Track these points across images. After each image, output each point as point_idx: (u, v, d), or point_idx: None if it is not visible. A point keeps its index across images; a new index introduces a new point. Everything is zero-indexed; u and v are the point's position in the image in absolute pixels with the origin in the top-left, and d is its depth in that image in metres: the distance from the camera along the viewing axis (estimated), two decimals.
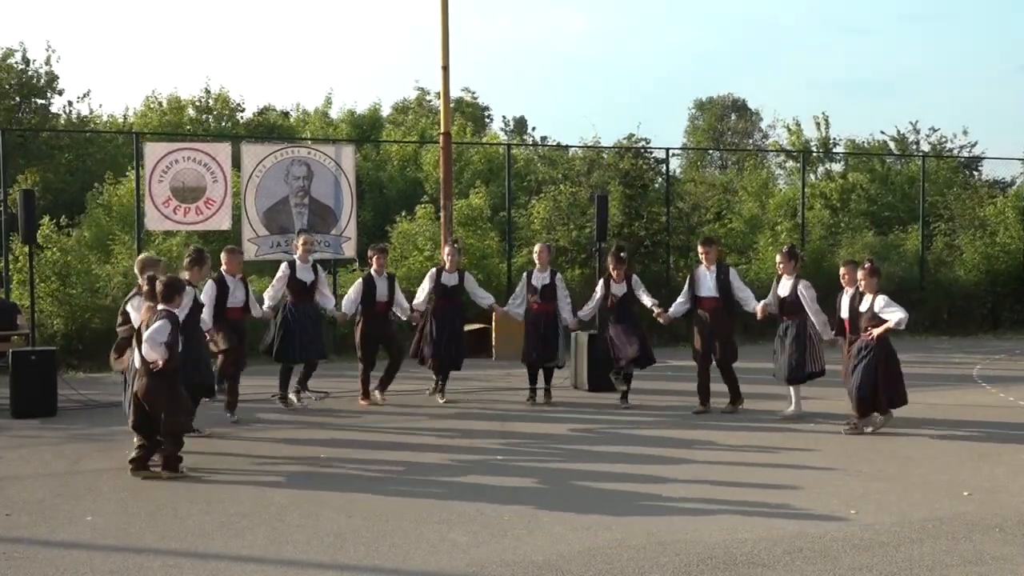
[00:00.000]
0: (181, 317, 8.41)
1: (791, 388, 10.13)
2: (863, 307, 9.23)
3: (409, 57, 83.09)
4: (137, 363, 7.62)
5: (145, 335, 7.43)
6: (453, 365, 11.19)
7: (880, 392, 9.10)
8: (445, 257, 11.33)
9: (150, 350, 7.41)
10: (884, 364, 9.10)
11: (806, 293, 9.97)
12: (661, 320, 10.79)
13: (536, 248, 11.35)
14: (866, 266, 9.31)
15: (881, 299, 9.13)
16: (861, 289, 9.28)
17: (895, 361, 9.22)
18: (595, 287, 11.17)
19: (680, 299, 10.66)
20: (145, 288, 7.87)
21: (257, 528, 6.23)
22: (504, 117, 51.24)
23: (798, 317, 9.98)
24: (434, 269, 11.38)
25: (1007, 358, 15.45)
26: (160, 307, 7.59)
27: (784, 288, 10.11)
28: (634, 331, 10.59)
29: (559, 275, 11.23)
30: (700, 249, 10.59)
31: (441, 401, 11.05)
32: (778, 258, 10.35)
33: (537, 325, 10.97)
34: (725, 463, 8.08)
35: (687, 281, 10.69)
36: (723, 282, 10.30)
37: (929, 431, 9.28)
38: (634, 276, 10.91)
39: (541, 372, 11.11)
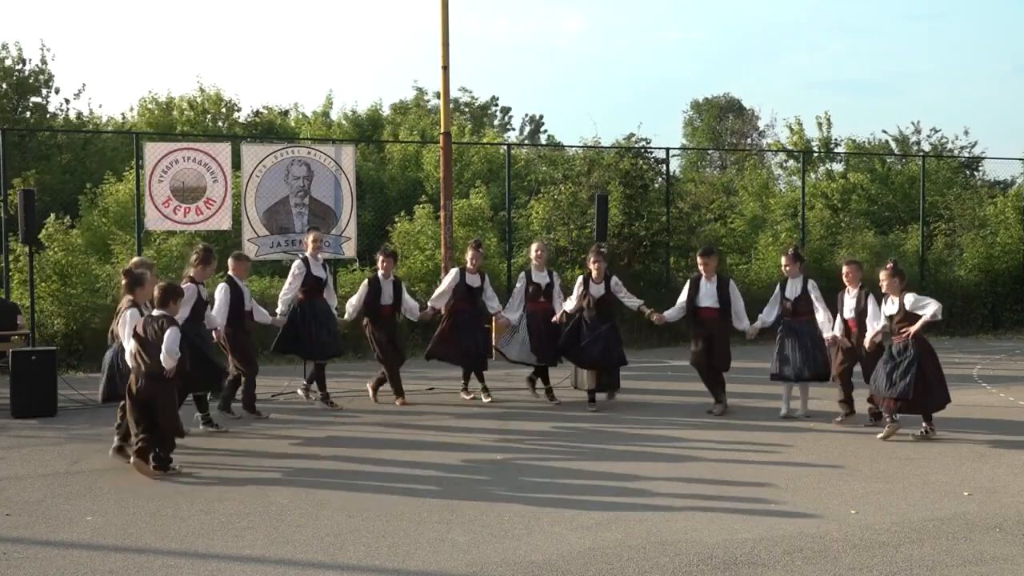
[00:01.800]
0: (182, 318, 8.47)
1: (799, 387, 10.15)
2: (889, 309, 9.16)
3: (409, 57, 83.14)
4: (131, 363, 7.66)
5: (164, 346, 7.47)
6: (483, 364, 11.22)
7: (930, 394, 8.96)
8: (468, 260, 11.28)
9: (169, 359, 7.47)
10: (929, 364, 8.97)
11: (815, 293, 9.98)
12: (654, 320, 10.77)
13: (535, 247, 11.37)
14: (888, 267, 9.19)
15: (911, 296, 9.06)
16: (884, 290, 9.20)
17: (937, 360, 9.11)
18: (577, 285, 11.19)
19: (677, 306, 10.56)
20: (123, 283, 7.96)
21: (257, 528, 6.24)
22: (504, 113, 51.18)
23: (810, 316, 9.97)
24: (456, 269, 11.34)
25: (1007, 358, 15.45)
26: (158, 312, 7.63)
27: (792, 290, 10.08)
28: (605, 333, 10.54)
29: (556, 274, 11.28)
30: (700, 260, 10.45)
31: (486, 400, 11.07)
32: (783, 260, 10.34)
33: (540, 324, 10.98)
34: (725, 463, 8.08)
35: (685, 289, 10.57)
36: (723, 294, 10.28)
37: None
38: (614, 278, 10.80)
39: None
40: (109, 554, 5.75)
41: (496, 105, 43.82)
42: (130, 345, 7.68)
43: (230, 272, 10.06)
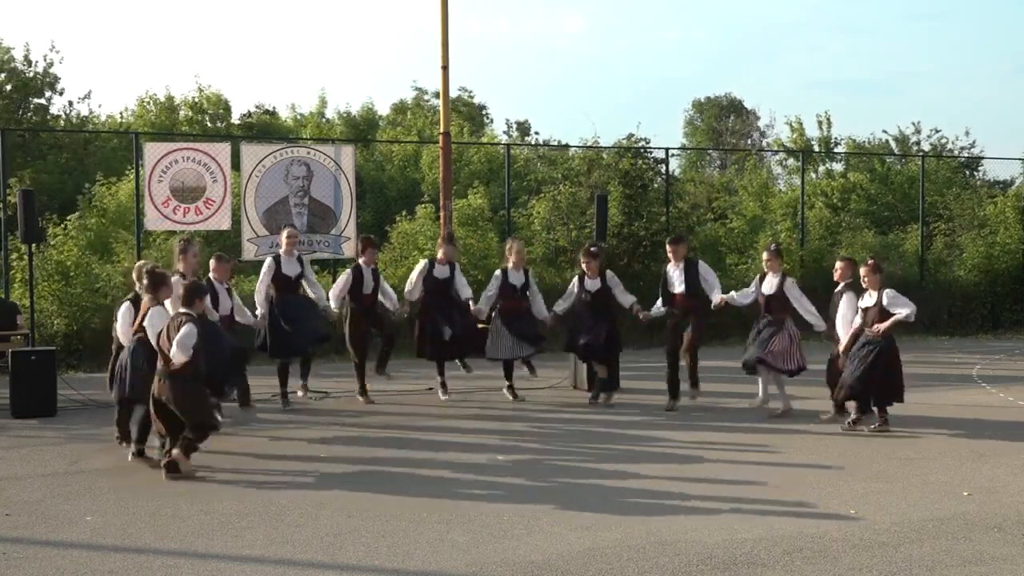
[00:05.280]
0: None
1: (770, 377, 10.19)
2: (866, 303, 9.25)
3: (408, 57, 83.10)
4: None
5: (176, 340, 7.44)
6: (447, 355, 11.12)
7: (874, 390, 9.13)
8: (440, 253, 11.30)
9: (179, 353, 7.43)
10: (887, 361, 9.11)
11: (793, 290, 10.08)
12: (641, 317, 10.93)
13: (515, 246, 11.40)
14: (869, 263, 9.36)
15: (889, 292, 9.19)
16: (864, 286, 9.30)
17: (897, 359, 9.24)
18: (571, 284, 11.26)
19: (659, 301, 10.72)
20: (145, 283, 7.99)
21: (257, 528, 6.24)
22: (507, 120, 51.16)
23: (782, 316, 10.05)
24: (425, 262, 11.36)
25: (1007, 358, 15.45)
26: (183, 310, 7.65)
27: (769, 285, 10.16)
28: (604, 323, 10.72)
29: (530, 272, 11.33)
30: (669, 248, 10.65)
31: (443, 398, 11.06)
32: (765, 255, 10.46)
33: (512, 322, 11.05)
34: (725, 463, 8.08)
35: (661, 281, 10.70)
36: (691, 277, 10.39)
37: (929, 431, 9.29)
38: (609, 272, 11.01)
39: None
40: (109, 554, 5.75)
41: (487, 114, 43.67)
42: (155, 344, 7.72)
43: (211, 274, 9.96)
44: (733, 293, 10.48)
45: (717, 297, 10.35)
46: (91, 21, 71.27)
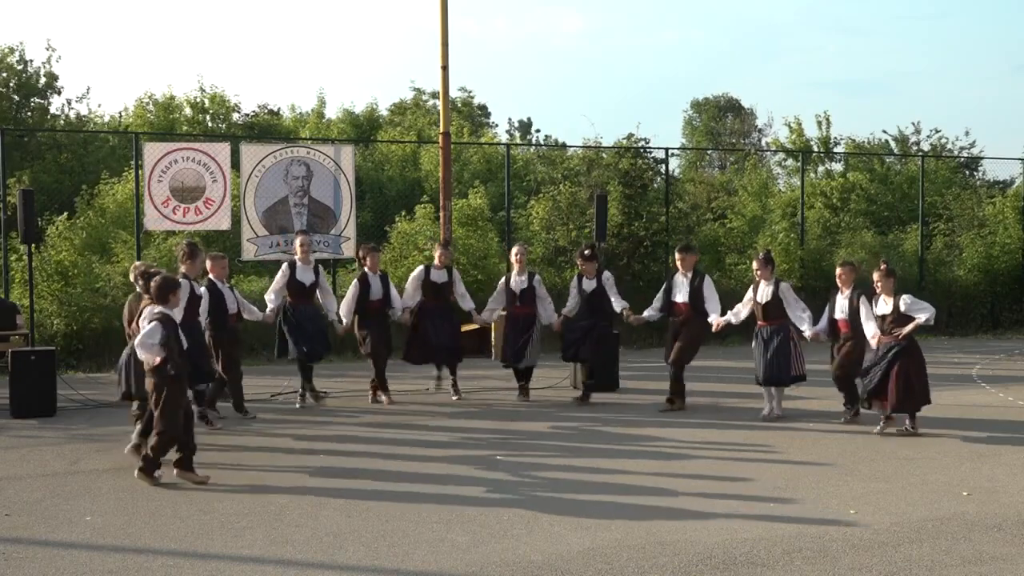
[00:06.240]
0: (178, 315, 8.37)
1: (772, 390, 10.13)
2: (881, 309, 9.20)
3: (407, 58, 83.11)
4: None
5: (138, 339, 7.40)
6: (455, 357, 11.21)
7: (911, 393, 9.09)
8: (436, 258, 11.30)
9: (143, 352, 7.37)
10: (917, 364, 9.10)
11: (789, 294, 10.05)
12: (632, 321, 10.91)
13: (515, 250, 11.40)
14: (882, 267, 9.28)
15: (907, 297, 9.18)
16: (878, 291, 9.26)
17: (922, 361, 9.22)
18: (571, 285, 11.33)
19: (654, 305, 10.74)
20: (139, 282, 7.99)
21: (257, 528, 6.24)
22: (510, 120, 51.15)
23: (780, 322, 10.00)
24: (421, 267, 11.39)
25: (1006, 358, 15.46)
26: (157, 309, 7.55)
27: (764, 294, 10.08)
28: (594, 324, 10.76)
29: (537, 277, 11.32)
30: (677, 256, 10.67)
31: (454, 398, 11.11)
32: (755, 265, 10.41)
33: (516, 326, 11.08)
34: (724, 463, 8.08)
35: (663, 287, 10.79)
36: (695, 288, 10.41)
37: (929, 431, 9.28)
38: (606, 274, 11.03)
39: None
40: (109, 554, 5.75)
41: (488, 116, 43.52)
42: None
43: (209, 275, 9.96)
44: (730, 315, 10.39)
45: (716, 320, 10.32)
46: (90, 21, 71.27)
